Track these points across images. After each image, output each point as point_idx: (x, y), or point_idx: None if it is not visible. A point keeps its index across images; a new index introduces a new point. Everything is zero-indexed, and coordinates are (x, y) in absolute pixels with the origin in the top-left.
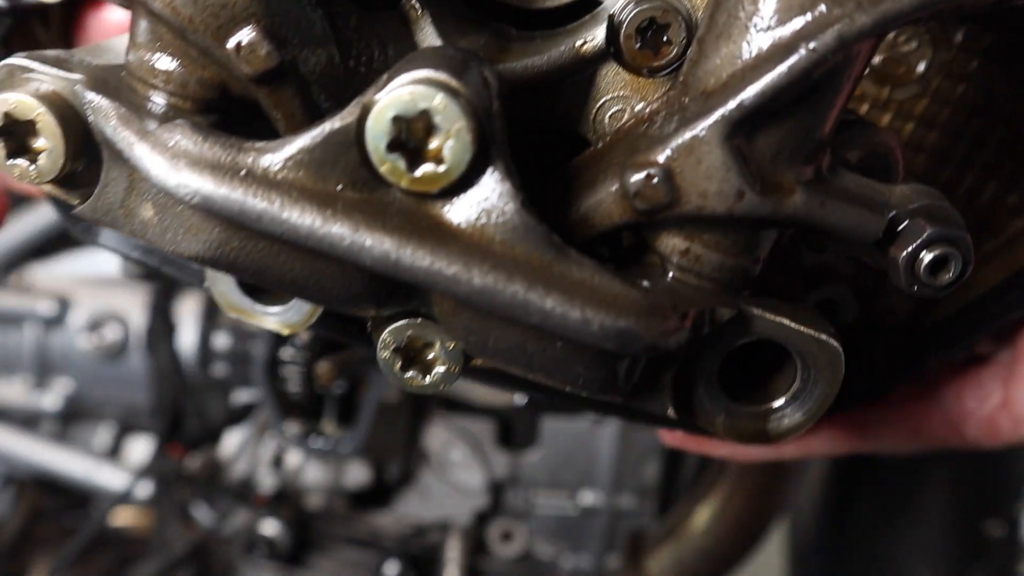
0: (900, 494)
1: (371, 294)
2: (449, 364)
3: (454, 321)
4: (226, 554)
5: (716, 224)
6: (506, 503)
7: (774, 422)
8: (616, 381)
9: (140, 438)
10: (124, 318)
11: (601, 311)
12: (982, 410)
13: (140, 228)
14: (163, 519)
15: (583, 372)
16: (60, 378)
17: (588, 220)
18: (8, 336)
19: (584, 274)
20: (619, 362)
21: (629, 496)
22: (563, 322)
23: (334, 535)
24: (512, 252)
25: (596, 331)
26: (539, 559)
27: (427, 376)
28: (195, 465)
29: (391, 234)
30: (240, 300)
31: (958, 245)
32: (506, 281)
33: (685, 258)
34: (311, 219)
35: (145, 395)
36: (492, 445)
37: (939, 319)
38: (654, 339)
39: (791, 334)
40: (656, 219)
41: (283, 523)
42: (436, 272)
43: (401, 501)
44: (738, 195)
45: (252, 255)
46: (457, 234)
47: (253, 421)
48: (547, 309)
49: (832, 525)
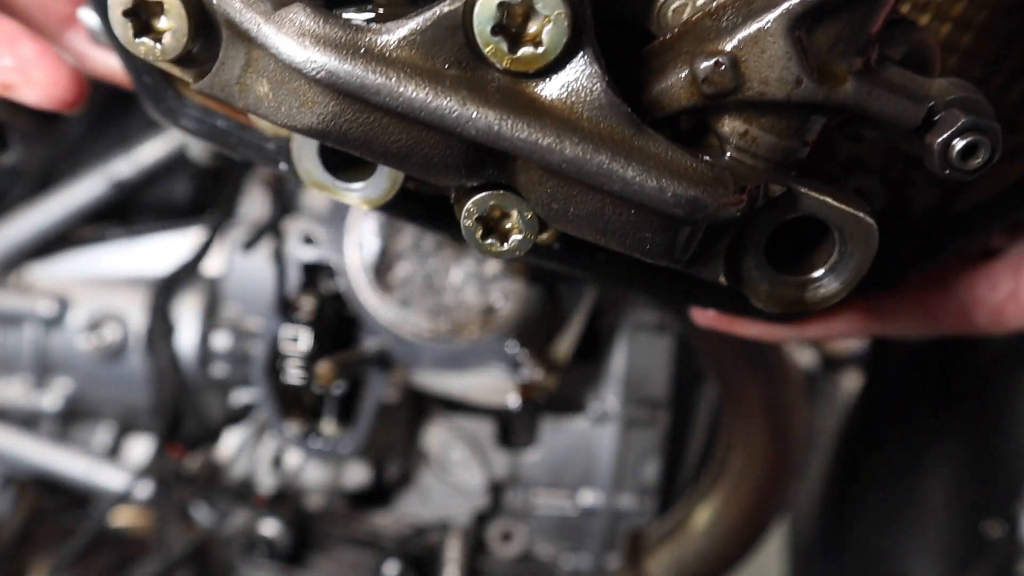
0: (900, 494)
1: (465, 164)
2: (525, 232)
3: (539, 190)
4: (226, 554)
5: (774, 109)
6: (506, 503)
7: (811, 291)
8: (676, 247)
9: (140, 438)
10: (124, 318)
11: (674, 181)
12: (992, 299)
13: (254, 102)
14: (163, 519)
15: (650, 237)
16: (60, 378)
17: (657, 103)
18: (7, 336)
19: (659, 148)
20: (682, 229)
21: (629, 496)
22: (640, 189)
23: (334, 535)
24: (598, 127)
25: (669, 198)
26: (539, 559)
27: (505, 243)
28: (195, 465)
29: (494, 108)
30: (323, 176)
31: (988, 134)
32: (593, 152)
33: (743, 139)
34: (423, 93)
35: (145, 395)
36: (492, 445)
37: (959, 211)
38: (717, 208)
39: (832, 211)
40: (720, 103)
41: (283, 523)
42: (532, 142)
43: (401, 501)
44: (796, 82)
45: (363, 127)
46: (550, 110)
47: (253, 421)
48: (627, 177)
49: (832, 525)
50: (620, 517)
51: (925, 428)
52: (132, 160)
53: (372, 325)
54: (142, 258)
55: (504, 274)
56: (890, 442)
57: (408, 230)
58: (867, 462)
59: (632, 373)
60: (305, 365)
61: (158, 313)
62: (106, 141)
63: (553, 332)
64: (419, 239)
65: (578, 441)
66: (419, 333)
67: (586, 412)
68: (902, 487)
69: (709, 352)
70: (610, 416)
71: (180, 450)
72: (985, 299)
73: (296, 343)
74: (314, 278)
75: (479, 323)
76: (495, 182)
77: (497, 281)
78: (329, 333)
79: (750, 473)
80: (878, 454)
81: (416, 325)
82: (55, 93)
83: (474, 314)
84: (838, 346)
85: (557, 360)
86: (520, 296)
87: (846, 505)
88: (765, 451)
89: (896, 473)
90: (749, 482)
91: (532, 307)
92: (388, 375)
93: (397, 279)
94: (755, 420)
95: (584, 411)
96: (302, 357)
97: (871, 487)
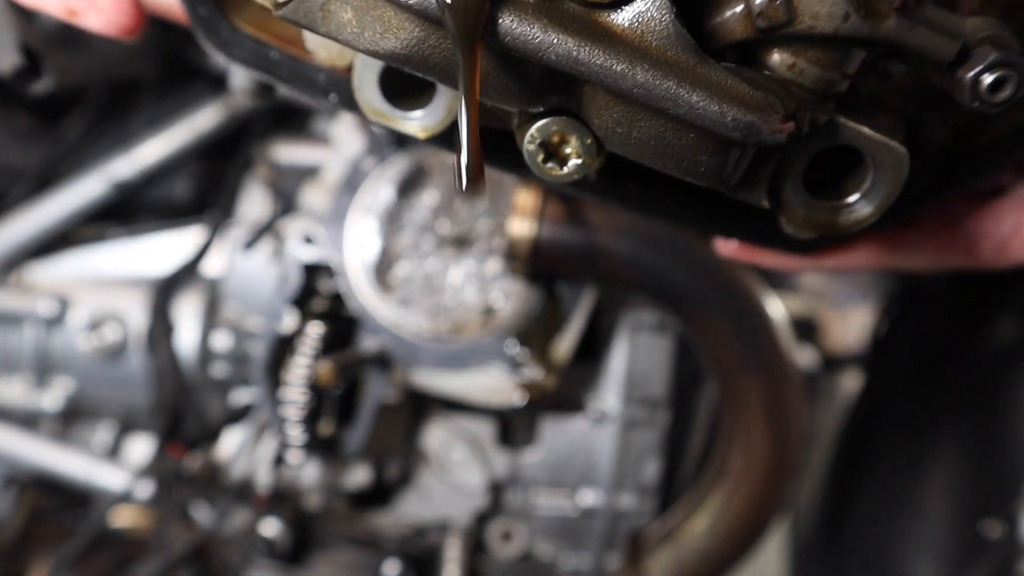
0: (900, 494)
1: (536, 90)
2: (584, 157)
3: (604, 114)
4: (226, 554)
5: (821, 42)
6: (506, 503)
7: (845, 216)
8: (726, 171)
9: (140, 438)
10: (124, 318)
11: (733, 106)
12: (997, 233)
13: (337, 28)
14: (163, 519)
15: (705, 160)
16: (60, 378)
17: (713, 35)
18: (8, 336)
19: (719, 76)
20: (733, 153)
21: (629, 496)
22: (703, 113)
23: (334, 535)
24: (665, 55)
25: (728, 122)
26: (539, 559)
27: (564, 167)
28: (195, 465)
29: (572, 35)
30: (382, 104)
31: (1017, 69)
32: (662, 78)
33: (791, 71)
34: (508, 20)
35: (145, 395)
36: (492, 445)
37: (971, 150)
38: (770, 133)
39: (869, 140)
40: (771, 36)
41: (283, 523)
42: (607, 68)
43: (401, 501)
44: (844, 17)
45: (445, 52)
46: (622, 38)
47: (253, 421)
48: (692, 102)
49: (832, 525)
50: (620, 517)
51: (925, 428)
52: (132, 160)
53: (372, 325)
54: (142, 258)
55: (504, 274)
56: (890, 442)
57: (408, 230)
58: (867, 462)
59: (632, 373)
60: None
61: (158, 313)
62: (106, 141)
63: (553, 332)
64: (419, 239)
65: (578, 441)
66: (419, 333)
67: (586, 412)
68: (902, 487)
69: (709, 352)
70: (610, 416)
71: (180, 450)
72: (990, 233)
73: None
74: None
75: (479, 323)
76: (557, 108)
77: (497, 281)
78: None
79: (750, 473)
80: (878, 454)
81: (416, 325)
82: (118, 20)
83: (474, 314)
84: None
85: (557, 360)
86: (520, 296)
87: (846, 505)
88: (765, 451)
89: (896, 473)
90: (749, 482)
91: (532, 307)
92: (388, 375)
93: (397, 279)
94: (755, 420)
95: (584, 411)
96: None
97: (871, 487)
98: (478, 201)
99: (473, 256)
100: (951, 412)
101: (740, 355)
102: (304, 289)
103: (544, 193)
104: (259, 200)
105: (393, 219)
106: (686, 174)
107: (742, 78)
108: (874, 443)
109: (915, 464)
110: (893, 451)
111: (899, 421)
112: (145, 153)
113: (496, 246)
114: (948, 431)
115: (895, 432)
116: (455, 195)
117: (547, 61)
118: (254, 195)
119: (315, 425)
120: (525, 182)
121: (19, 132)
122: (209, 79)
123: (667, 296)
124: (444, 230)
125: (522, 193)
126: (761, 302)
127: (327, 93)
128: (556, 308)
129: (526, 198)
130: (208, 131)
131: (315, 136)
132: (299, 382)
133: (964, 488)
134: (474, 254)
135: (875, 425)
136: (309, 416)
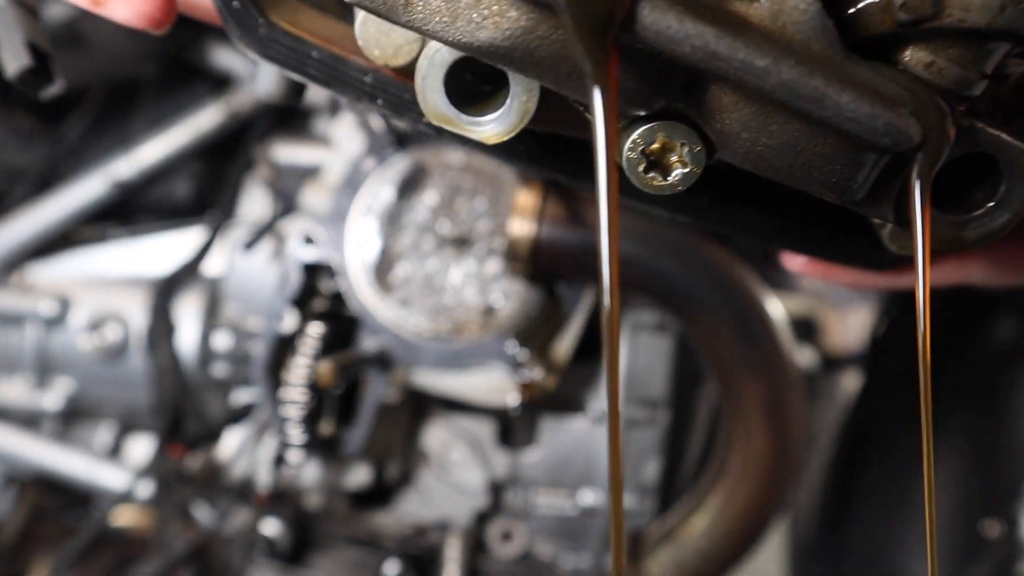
0: (899, 494)
1: (652, 88)
2: (692, 166)
3: (729, 118)
4: (226, 554)
5: (966, 38)
6: (506, 503)
7: (971, 230)
8: (855, 182)
9: (141, 438)
10: (125, 318)
11: (885, 109)
12: None
13: (423, 17)
14: (164, 519)
15: (838, 170)
16: (61, 378)
17: (844, 29)
18: (9, 336)
19: (867, 75)
20: (869, 161)
21: (629, 496)
22: (853, 116)
23: (334, 535)
24: (810, 50)
25: (880, 126)
26: (539, 559)
27: (667, 177)
28: (196, 465)
29: (710, 26)
30: (448, 109)
31: None
32: (808, 76)
33: (928, 70)
34: (641, 7)
35: (146, 395)
36: (492, 445)
37: None
38: (920, 139)
39: (1006, 146)
40: (913, 31)
41: (283, 523)
42: (749, 63)
43: (401, 501)
44: (1000, 8)
45: (552, 46)
46: (761, 31)
47: (253, 421)
48: (842, 103)
49: (832, 525)
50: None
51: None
52: (132, 160)
53: (372, 325)
54: (143, 258)
55: (504, 274)
56: (890, 442)
57: (408, 230)
58: (867, 462)
59: (632, 373)
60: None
61: (159, 313)
62: (106, 141)
63: (553, 332)
64: (419, 239)
65: (578, 441)
66: (419, 333)
67: (586, 412)
68: (901, 487)
69: (709, 352)
70: None
71: (181, 450)
72: None
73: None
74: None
75: (479, 323)
76: (665, 111)
77: (497, 281)
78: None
79: (750, 473)
80: (878, 454)
81: (416, 325)
82: (145, 10)
83: (474, 314)
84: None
85: (557, 360)
86: (520, 296)
87: (846, 505)
88: (765, 451)
89: (895, 473)
90: (749, 482)
91: (532, 307)
92: (388, 375)
93: (397, 279)
94: (755, 420)
95: (584, 411)
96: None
97: (871, 487)
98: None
99: (473, 256)
100: (951, 412)
101: (740, 355)
102: (304, 289)
103: (544, 193)
104: (259, 200)
105: (393, 219)
106: (812, 185)
107: (888, 78)
108: (874, 443)
109: (915, 464)
110: (893, 451)
111: (899, 421)
112: (145, 153)
113: (496, 246)
114: (948, 431)
115: (895, 432)
116: (455, 193)
117: (680, 55)
118: (254, 195)
119: (315, 425)
120: (526, 180)
121: (19, 132)
122: (209, 79)
123: (667, 296)
124: (444, 230)
125: (522, 193)
126: (761, 302)
127: (374, 97)
128: (556, 308)
129: (526, 198)
130: (208, 131)
131: (315, 136)
132: (299, 382)
133: (964, 488)
134: (474, 254)
135: (875, 425)
136: (309, 416)
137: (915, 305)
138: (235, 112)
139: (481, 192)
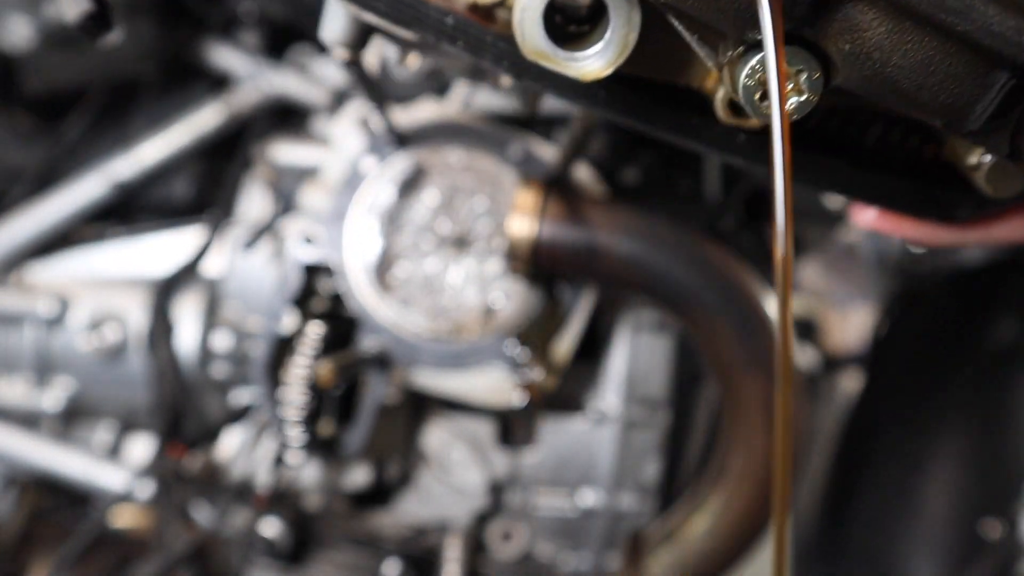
0: (899, 494)
1: (784, 4)
2: (809, 94)
3: (863, 37)
4: (226, 554)
5: None
6: (506, 503)
7: None
8: (978, 108)
9: (140, 438)
10: (124, 318)
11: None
12: None
13: None
14: (163, 519)
15: (967, 92)
16: (60, 378)
17: None
18: (8, 336)
19: None
20: (997, 83)
21: (629, 496)
22: (998, 30)
23: (334, 535)
24: None
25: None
26: (539, 559)
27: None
28: (195, 465)
29: None
30: (547, 46)
31: None
32: None
33: None
34: None
35: (145, 395)
36: (492, 445)
37: None
38: None
39: None
40: None
41: (283, 523)
42: None
43: (401, 501)
44: None
45: None
46: None
47: (253, 421)
48: (988, 15)
49: (832, 525)
50: (620, 517)
51: (924, 428)
52: (132, 160)
53: (372, 325)
54: (142, 258)
55: (504, 274)
56: (890, 442)
57: (408, 230)
58: (867, 462)
59: (632, 373)
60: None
61: (158, 313)
62: (106, 141)
63: (553, 332)
64: (419, 239)
65: (578, 441)
66: (419, 333)
67: (586, 412)
68: (901, 487)
69: (709, 352)
70: (610, 416)
71: (180, 450)
72: None
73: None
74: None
75: (479, 323)
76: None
77: (497, 281)
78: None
79: (750, 473)
80: (878, 454)
81: (416, 325)
82: None
83: (474, 314)
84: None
85: (557, 360)
86: (520, 296)
87: (846, 505)
88: (765, 451)
89: (895, 473)
90: (749, 482)
91: (532, 307)
92: (388, 375)
93: (397, 279)
94: (755, 420)
95: (584, 411)
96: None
97: (871, 487)
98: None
99: (473, 256)
100: (951, 412)
101: (740, 355)
102: (304, 289)
103: (544, 193)
104: (259, 200)
105: (393, 219)
106: (935, 111)
107: None
108: (874, 443)
109: (915, 464)
110: (893, 451)
111: (899, 421)
112: (145, 153)
113: (496, 246)
114: (948, 431)
115: (895, 432)
116: (455, 193)
117: None
118: (254, 195)
119: (315, 425)
120: (526, 180)
121: (19, 132)
122: (209, 79)
123: (667, 296)
124: (444, 230)
125: (522, 192)
126: (761, 302)
127: (455, 39)
128: (556, 308)
129: (526, 197)
130: (208, 131)
131: (315, 136)
132: (299, 382)
133: (964, 488)
134: (474, 254)
135: (875, 425)
136: (309, 416)
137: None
138: (234, 112)
139: (481, 192)
